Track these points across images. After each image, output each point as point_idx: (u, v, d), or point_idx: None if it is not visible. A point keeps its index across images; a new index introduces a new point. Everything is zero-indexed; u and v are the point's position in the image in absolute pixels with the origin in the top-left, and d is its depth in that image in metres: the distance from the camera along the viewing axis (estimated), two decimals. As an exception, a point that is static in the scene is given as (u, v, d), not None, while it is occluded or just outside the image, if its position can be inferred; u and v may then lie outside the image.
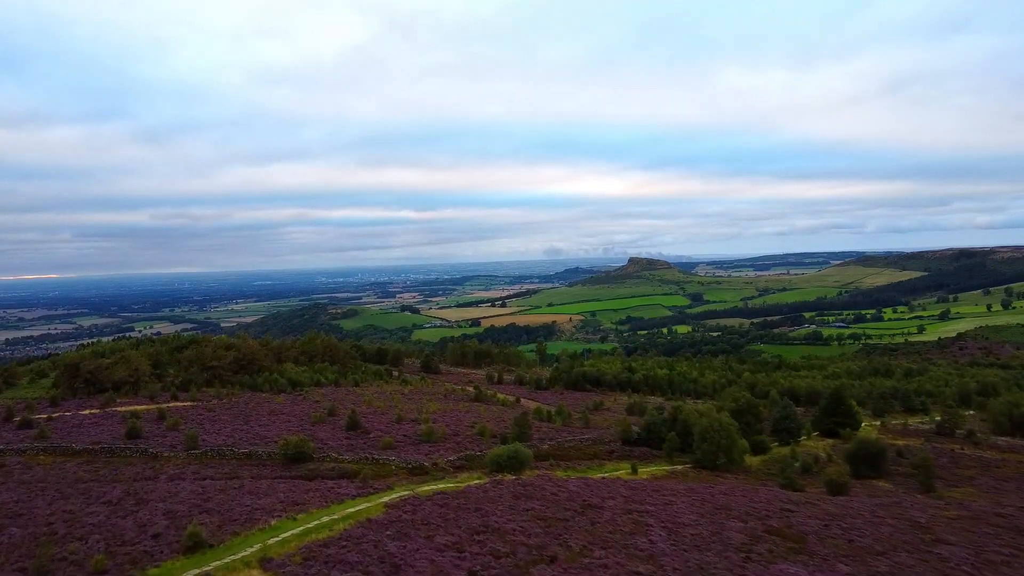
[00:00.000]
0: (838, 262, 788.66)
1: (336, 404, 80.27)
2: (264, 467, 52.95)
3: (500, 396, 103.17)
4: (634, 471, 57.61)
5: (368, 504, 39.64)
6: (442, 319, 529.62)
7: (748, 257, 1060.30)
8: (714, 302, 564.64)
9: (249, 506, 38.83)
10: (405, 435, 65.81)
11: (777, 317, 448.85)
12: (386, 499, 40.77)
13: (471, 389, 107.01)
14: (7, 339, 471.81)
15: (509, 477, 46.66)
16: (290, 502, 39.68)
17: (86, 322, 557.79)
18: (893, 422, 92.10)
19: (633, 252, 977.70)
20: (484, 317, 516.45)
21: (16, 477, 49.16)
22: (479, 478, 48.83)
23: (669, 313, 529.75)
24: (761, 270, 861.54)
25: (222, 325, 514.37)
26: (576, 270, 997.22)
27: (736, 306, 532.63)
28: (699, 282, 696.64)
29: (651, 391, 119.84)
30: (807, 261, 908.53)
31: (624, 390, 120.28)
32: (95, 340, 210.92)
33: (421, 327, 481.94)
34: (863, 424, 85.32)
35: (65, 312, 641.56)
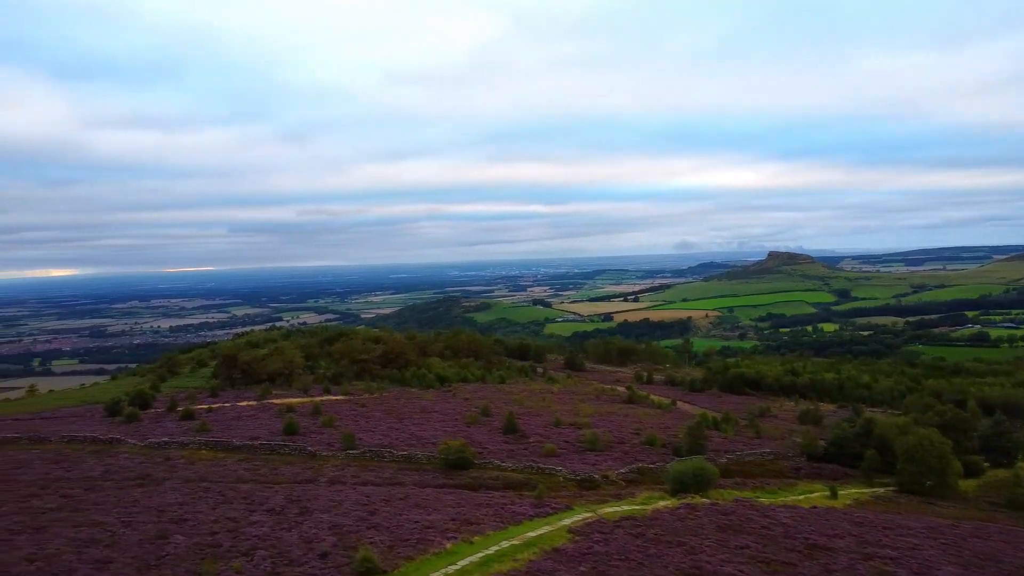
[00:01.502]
0: (1002, 257, 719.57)
1: (488, 403, 76.70)
2: (424, 473, 49.52)
3: (654, 398, 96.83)
4: (833, 495, 50.11)
5: (549, 528, 34.91)
6: (574, 313, 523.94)
7: (898, 251, 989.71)
8: (863, 299, 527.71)
9: (419, 523, 35.02)
10: (566, 441, 61.05)
11: (935, 316, 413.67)
12: (568, 522, 35.93)
13: (622, 389, 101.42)
14: (171, 326, 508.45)
15: (702, 500, 40.75)
16: (462, 520, 35.57)
17: (239, 311, 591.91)
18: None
19: (770, 246, 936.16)
20: (616, 312, 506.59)
21: (180, 473, 48.03)
22: (662, 497, 43.26)
23: (813, 310, 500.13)
24: (913, 265, 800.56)
25: (362, 316, 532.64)
26: (710, 264, 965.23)
27: (887, 303, 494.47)
28: (845, 277, 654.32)
29: (818, 396, 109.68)
30: (965, 255, 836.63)
31: (787, 394, 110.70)
32: (248, 330, 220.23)
33: (553, 321, 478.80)
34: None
35: (221, 302, 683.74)
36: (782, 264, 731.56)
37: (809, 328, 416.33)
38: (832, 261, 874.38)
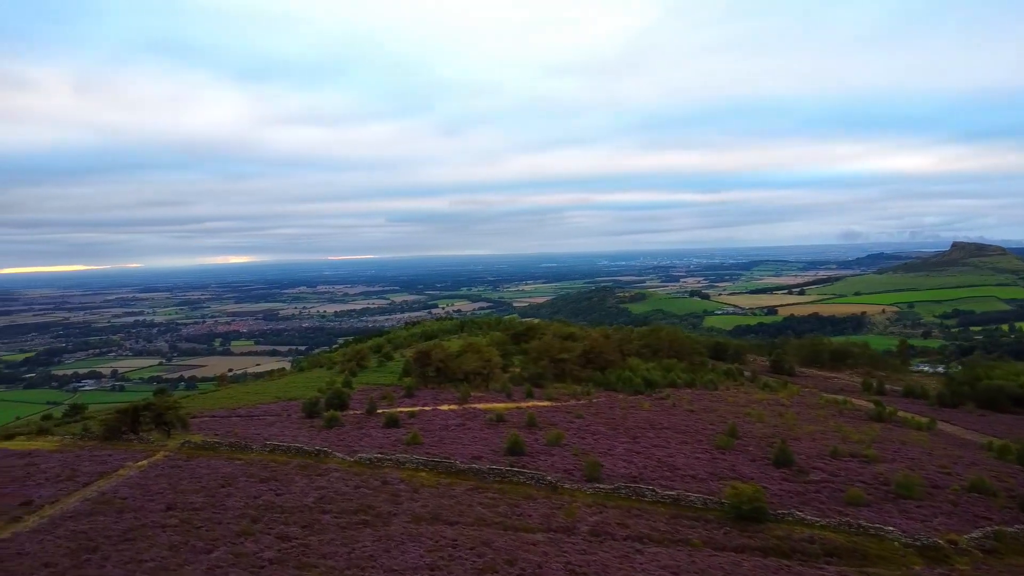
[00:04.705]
0: None
1: (732, 421, 64.30)
2: (709, 525, 38.27)
3: (905, 415, 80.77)
4: None
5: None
6: (733, 306, 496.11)
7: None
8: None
9: (783, 636, 23.81)
10: (862, 481, 47.62)
11: None
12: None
13: (859, 402, 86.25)
14: (335, 311, 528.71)
15: None
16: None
17: (397, 298, 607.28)
18: None
19: (947, 235, 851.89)
20: (780, 305, 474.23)
21: (405, 506, 39.44)
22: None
23: (1007, 307, 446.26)
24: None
25: (514, 304, 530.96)
26: (880, 255, 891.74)
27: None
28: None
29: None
30: None
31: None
32: (417, 317, 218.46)
33: (711, 313, 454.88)
34: None
35: (380, 288, 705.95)
36: (968, 256, 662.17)
37: (1005, 327, 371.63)
38: (1022, 253, 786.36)
